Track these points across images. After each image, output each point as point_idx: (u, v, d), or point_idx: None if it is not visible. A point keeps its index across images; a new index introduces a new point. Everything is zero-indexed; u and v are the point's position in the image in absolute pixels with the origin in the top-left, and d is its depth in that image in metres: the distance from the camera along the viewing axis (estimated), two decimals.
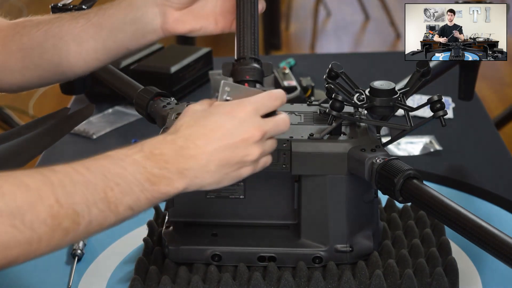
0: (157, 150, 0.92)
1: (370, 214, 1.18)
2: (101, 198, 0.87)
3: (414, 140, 1.61)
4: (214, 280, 1.15)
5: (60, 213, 0.84)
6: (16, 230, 0.82)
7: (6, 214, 0.81)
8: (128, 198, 0.89)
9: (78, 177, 0.87)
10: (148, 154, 0.91)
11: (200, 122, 0.95)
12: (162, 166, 0.91)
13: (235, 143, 0.95)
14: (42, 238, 0.84)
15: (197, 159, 0.93)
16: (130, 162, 0.90)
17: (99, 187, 0.87)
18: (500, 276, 1.19)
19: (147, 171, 0.90)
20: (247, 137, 0.95)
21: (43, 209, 0.83)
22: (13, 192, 0.82)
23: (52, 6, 1.58)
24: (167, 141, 0.93)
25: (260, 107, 0.97)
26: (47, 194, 0.84)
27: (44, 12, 1.26)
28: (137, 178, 0.90)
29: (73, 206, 0.85)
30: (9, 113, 2.88)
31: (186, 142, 0.93)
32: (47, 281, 1.21)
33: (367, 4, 4.87)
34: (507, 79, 4.03)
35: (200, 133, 0.94)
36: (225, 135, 0.94)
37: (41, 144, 1.24)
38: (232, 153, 0.95)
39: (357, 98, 1.15)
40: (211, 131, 0.94)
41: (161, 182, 0.91)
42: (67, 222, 0.85)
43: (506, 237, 0.96)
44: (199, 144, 0.93)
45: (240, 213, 1.20)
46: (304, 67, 1.94)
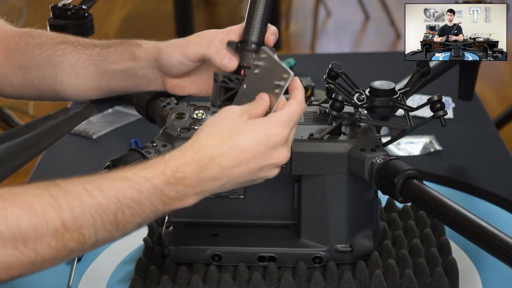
0: (180, 173, 0.90)
1: (370, 214, 1.18)
2: (110, 221, 0.86)
3: (414, 140, 1.61)
4: (214, 280, 1.15)
5: (66, 236, 0.84)
6: (19, 252, 0.82)
7: (9, 238, 0.81)
8: (138, 219, 0.89)
9: (89, 200, 0.85)
10: (169, 178, 0.90)
11: (232, 140, 0.91)
12: (181, 190, 0.90)
13: (261, 167, 0.93)
14: (45, 259, 0.83)
15: (217, 180, 0.92)
16: (147, 187, 0.88)
17: (110, 211, 0.86)
18: (500, 276, 1.19)
19: (163, 194, 0.89)
20: (275, 162, 0.94)
21: (48, 233, 0.83)
22: (17, 215, 0.82)
23: (52, 6, 1.59)
24: (194, 162, 0.90)
25: (291, 128, 0.95)
26: (53, 218, 0.83)
27: (44, 12, 1.26)
28: (152, 201, 0.89)
29: (80, 229, 0.84)
30: (9, 113, 2.88)
31: (211, 164, 0.91)
32: (47, 281, 1.21)
33: (367, 4, 4.87)
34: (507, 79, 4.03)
35: (230, 155, 0.91)
36: (254, 158, 0.92)
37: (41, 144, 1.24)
38: (254, 176, 0.94)
39: (357, 98, 1.15)
40: (241, 153, 0.91)
41: (174, 203, 0.91)
42: (72, 244, 0.84)
43: (506, 237, 0.96)
44: (225, 166, 0.91)
45: (240, 213, 1.20)
46: (304, 67, 1.94)
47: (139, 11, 5.17)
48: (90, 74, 1.15)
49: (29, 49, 1.18)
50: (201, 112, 1.19)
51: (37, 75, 1.18)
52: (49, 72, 1.17)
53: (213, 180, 0.91)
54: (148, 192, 0.88)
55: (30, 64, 1.18)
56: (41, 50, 1.18)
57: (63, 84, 1.17)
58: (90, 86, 1.16)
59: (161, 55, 1.08)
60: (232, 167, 0.91)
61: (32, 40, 1.20)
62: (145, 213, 0.89)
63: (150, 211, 0.89)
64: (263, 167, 0.94)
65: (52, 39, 1.20)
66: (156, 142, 1.12)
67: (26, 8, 4.85)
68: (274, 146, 0.93)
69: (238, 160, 0.91)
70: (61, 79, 1.17)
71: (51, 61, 1.17)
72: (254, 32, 1.04)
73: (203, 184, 0.91)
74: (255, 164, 0.93)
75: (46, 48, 1.18)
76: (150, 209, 0.89)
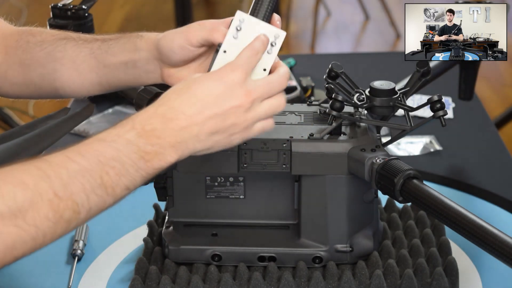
0: (149, 125, 0.92)
1: (370, 214, 1.18)
2: (98, 184, 0.88)
3: (414, 140, 1.61)
4: (214, 280, 1.15)
5: (60, 206, 0.85)
6: (20, 229, 0.83)
7: (8, 216, 0.82)
8: (124, 179, 0.90)
9: (73, 166, 0.87)
10: (140, 131, 0.91)
11: (190, 90, 0.94)
12: (155, 142, 0.91)
13: (225, 111, 0.94)
14: (46, 233, 0.85)
15: (188, 130, 0.93)
16: (123, 143, 0.90)
17: (95, 173, 0.88)
18: (500, 276, 1.19)
19: (140, 149, 0.91)
20: (236, 104, 0.94)
21: (43, 205, 0.84)
22: (13, 192, 0.83)
23: (52, 6, 1.59)
24: (158, 115, 0.93)
25: (248, 67, 0.96)
26: (46, 189, 0.84)
27: (44, 12, 1.26)
28: (131, 158, 0.90)
29: (72, 197, 0.86)
30: (9, 113, 2.88)
31: (176, 114, 0.93)
32: (47, 281, 1.21)
33: (367, 4, 4.87)
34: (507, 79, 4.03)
35: (190, 103, 0.93)
36: (214, 103, 0.93)
37: (41, 144, 1.24)
38: (223, 122, 0.94)
39: (357, 98, 1.15)
40: (200, 99, 0.93)
41: (154, 159, 0.92)
42: (68, 213, 0.86)
43: (506, 237, 0.96)
44: (189, 114, 0.93)
45: (240, 213, 1.20)
46: (304, 67, 1.94)
47: (139, 11, 5.17)
48: (90, 68, 1.15)
49: (29, 46, 1.18)
50: None
51: (37, 72, 1.17)
52: (49, 68, 1.17)
53: (183, 129, 0.92)
54: (125, 149, 0.90)
55: (31, 62, 1.18)
56: (41, 47, 1.18)
57: (63, 80, 1.16)
58: (91, 81, 1.16)
59: (162, 41, 1.09)
60: (197, 113, 0.93)
61: (32, 38, 1.19)
62: (129, 172, 0.90)
63: (133, 169, 0.90)
64: (228, 112, 0.94)
65: (53, 36, 1.20)
66: None
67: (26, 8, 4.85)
68: (229, 87, 0.94)
69: (200, 106, 0.93)
70: (61, 75, 1.16)
71: (51, 57, 1.17)
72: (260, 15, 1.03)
73: (175, 135, 0.92)
74: (217, 108, 0.93)
75: (47, 45, 1.18)
76: (133, 167, 0.90)
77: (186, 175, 1.17)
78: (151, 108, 0.94)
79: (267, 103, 0.96)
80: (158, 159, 0.92)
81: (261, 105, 0.96)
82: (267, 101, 0.96)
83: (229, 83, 0.94)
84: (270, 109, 0.97)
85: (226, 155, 1.13)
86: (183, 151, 0.93)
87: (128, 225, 1.33)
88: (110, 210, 1.37)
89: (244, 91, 0.94)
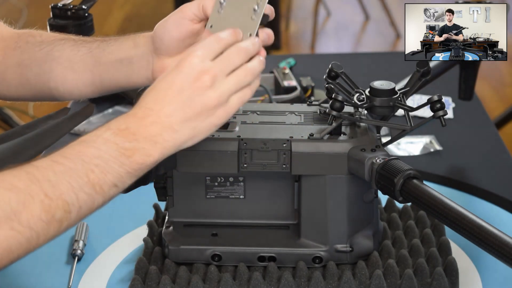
0: (122, 125, 0.94)
1: (370, 214, 1.18)
2: (85, 182, 0.90)
3: (414, 140, 1.61)
4: (214, 280, 1.15)
5: (52, 206, 0.87)
6: (15, 232, 0.84)
7: (4, 219, 0.84)
8: (110, 176, 0.92)
9: (59, 167, 0.89)
10: (116, 131, 0.93)
11: (155, 87, 0.96)
12: (131, 139, 0.93)
13: (188, 96, 0.95)
14: (40, 234, 0.86)
15: (158, 123, 0.94)
16: (102, 142, 0.92)
17: (81, 173, 0.90)
18: (500, 276, 1.19)
19: (119, 146, 0.92)
20: (197, 86, 0.95)
21: (35, 206, 0.86)
22: (6, 196, 0.84)
23: (52, 6, 1.59)
24: (129, 116, 0.95)
25: (207, 52, 0.96)
26: (36, 191, 0.86)
27: (44, 12, 1.27)
28: (112, 155, 0.92)
29: (61, 196, 0.88)
30: (9, 113, 2.88)
31: (145, 111, 0.95)
32: (47, 281, 1.21)
33: (367, 4, 4.87)
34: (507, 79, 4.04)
35: (155, 98, 0.95)
36: (177, 92, 0.95)
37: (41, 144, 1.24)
38: (190, 107, 0.95)
39: (357, 98, 1.15)
40: (163, 93, 0.95)
41: (135, 153, 0.93)
42: (60, 213, 0.87)
43: (506, 237, 0.96)
44: (156, 109, 0.95)
45: (240, 213, 1.20)
46: (304, 67, 1.94)
47: (139, 11, 5.17)
48: (86, 66, 1.15)
49: (28, 47, 1.19)
50: None
51: (34, 71, 1.18)
52: (45, 67, 1.17)
53: (154, 124, 0.94)
54: (105, 147, 0.92)
55: (28, 62, 1.18)
56: (40, 47, 1.18)
57: (57, 79, 1.17)
58: (84, 81, 1.16)
59: (156, 28, 1.11)
60: (161, 107, 0.95)
61: (32, 39, 1.20)
62: (114, 168, 0.92)
63: (118, 165, 0.92)
64: (191, 96, 0.95)
65: (52, 37, 1.20)
66: None
67: (26, 8, 4.85)
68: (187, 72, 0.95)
69: (163, 99, 0.95)
70: (56, 74, 1.17)
71: (49, 56, 1.17)
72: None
73: (148, 130, 0.94)
74: (180, 96, 0.95)
75: (46, 45, 1.18)
76: (116, 163, 0.92)
77: (186, 175, 1.17)
78: (125, 113, 0.97)
79: (233, 75, 0.97)
80: (139, 154, 0.93)
81: (227, 79, 0.96)
82: (233, 74, 0.97)
83: (186, 69, 0.95)
84: (239, 80, 0.97)
85: (226, 155, 1.13)
86: (163, 144, 0.95)
87: (128, 225, 1.33)
88: (110, 210, 1.38)
89: (200, 70, 0.95)
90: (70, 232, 1.30)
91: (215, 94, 0.95)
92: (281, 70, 1.79)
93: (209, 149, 1.13)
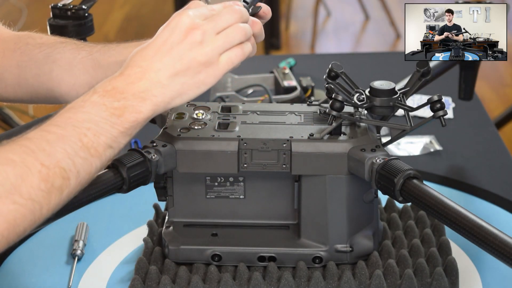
0: (108, 86, 0.95)
1: (370, 214, 1.18)
2: (79, 147, 0.90)
3: (414, 140, 1.61)
4: (214, 280, 1.15)
5: (49, 174, 0.87)
6: (18, 205, 0.85)
7: (5, 194, 0.84)
8: (103, 138, 0.92)
9: (51, 136, 0.90)
10: (103, 93, 0.94)
11: (145, 46, 0.97)
12: (120, 97, 0.94)
13: (178, 50, 0.95)
14: (42, 204, 0.87)
15: (146, 79, 0.95)
16: (90, 105, 0.93)
17: (74, 138, 0.90)
18: (500, 276, 1.19)
19: (108, 107, 0.93)
20: (187, 40, 0.96)
21: (34, 177, 0.86)
22: (4, 170, 0.85)
23: (52, 6, 1.58)
24: (115, 76, 0.96)
25: (199, 14, 0.97)
26: (32, 162, 0.87)
27: (44, 12, 1.27)
28: (102, 116, 0.92)
29: (58, 164, 0.88)
30: (9, 113, 2.88)
31: (132, 69, 0.95)
32: (47, 281, 1.21)
33: (367, 4, 4.87)
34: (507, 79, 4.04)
35: (143, 56, 0.96)
36: (166, 47, 0.95)
37: None
38: (179, 61, 0.95)
39: (357, 98, 1.15)
40: (153, 49, 0.96)
41: (125, 112, 0.94)
42: (59, 180, 0.88)
43: (506, 237, 0.96)
44: (144, 65, 0.95)
45: (240, 213, 1.20)
46: (304, 67, 1.94)
47: (139, 11, 5.17)
48: (85, 69, 1.16)
49: (28, 48, 1.19)
50: (201, 112, 1.19)
51: (33, 72, 1.18)
52: (45, 69, 1.17)
53: (141, 79, 0.95)
54: (94, 110, 0.93)
55: (28, 63, 1.18)
56: (40, 49, 1.18)
57: (56, 80, 1.17)
58: (82, 83, 1.16)
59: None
60: (150, 63, 0.95)
61: (32, 40, 1.20)
62: (105, 129, 0.92)
63: (109, 126, 0.93)
64: (180, 50, 0.95)
65: (53, 39, 1.20)
66: (156, 142, 1.12)
67: (26, 8, 4.85)
68: (176, 28, 0.96)
69: (153, 57, 0.95)
70: (55, 75, 1.17)
71: (49, 58, 1.17)
72: None
73: (135, 87, 0.94)
74: (170, 50, 0.95)
75: (46, 47, 1.18)
76: (108, 124, 0.93)
77: (186, 175, 1.17)
78: (111, 76, 0.97)
79: (222, 33, 0.98)
80: (129, 111, 0.94)
81: (217, 37, 0.97)
82: (224, 31, 0.98)
83: (177, 25, 0.96)
84: (228, 37, 0.98)
85: (226, 155, 1.13)
86: (152, 99, 0.95)
87: (128, 225, 1.33)
88: (110, 210, 1.38)
89: (191, 26, 0.96)
90: (70, 232, 1.30)
91: (205, 50, 0.96)
92: (281, 70, 1.79)
93: (209, 149, 1.13)
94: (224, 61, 0.98)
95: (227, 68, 0.98)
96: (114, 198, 1.36)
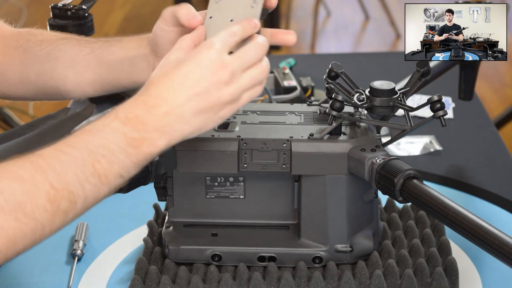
0: (131, 114, 0.93)
1: (370, 214, 1.18)
2: (91, 173, 0.89)
3: (414, 140, 1.61)
4: (214, 280, 1.15)
5: (57, 196, 0.86)
6: (20, 223, 0.83)
7: (9, 210, 0.83)
8: (116, 167, 0.91)
9: (64, 157, 0.88)
10: (124, 120, 0.92)
11: (169, 75, 0.95)
12: (140, 129, 0.92)
13: (205, 89, 0.94)
14: (44, 225, 0.85)
15: (170, 114, 0.93)
16: (109, 132, 0.92)
17: (87, 162, 0.89)
18: (500, 276, 1.19)
19: (127, 136, 0.92)
20: (215, 80, 0.95)
21: (40, 196, 0.85)
22: (11, 186, 0.84)
23: (52, 6, 1.58)
24: (139, 103, 0.94)
25: (224, 46, 0.96)
26: (41, 181, 0.85)
27: (44, 12, 1.27)
28: (119, 145, 0.91)
29: (67, 187, 0.87)
30: (9, 113, 2.88)
31: (156, 100, 0.94)
32: (47, 281, 1.21)
33: (367, 4, 4.87)
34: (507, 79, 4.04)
35: (169, 88, 0.94)
36: (193, 83, 0.94)
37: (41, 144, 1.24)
38: (205, 100, 0.94)
39: (357, 98, 1.15)
40: (179, 83, 0.94)
41: (143, 144, 0.92)
42: (65, 204, 0.87)
43: (506, 237, 0.96)
44: (169, 99, 0.94)
45: (240, 213, 1.20)
46: (304, 67, 1.94)
47: (139, 11, 5.17)
48: (88, 66, 1.16)
49: (29, 45, 1.19)
50: None
51: (35, 70, 1.18)
52: (47, 66, 1.17)
53: (166, 114, 0.93)
54: (112, 137, 0.91)
55: (30, 61, 1.18)
56: (41, 46, 1.18)
57: (59, 78, 1.17)
58: (86, 80, 1.16)
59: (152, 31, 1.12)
60: (175, 98, 0.94)
61: (33, 37, 1.20)
62: (119, 159, 0.91)
63: (124, 156, 0.91)
64: (208, 89, 0.94)
65: (54, 36, 1.20)
66: None
67: (26, 8, 4.85)
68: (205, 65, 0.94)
69: (177, 90, 0.94)
70: (57, 73, 1.17)
71: (51, 56, 1.17)
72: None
73: (158, 120, 0.93)
74: (196, 88, 0.94)
75: (47, 44, 1.18)
76: (122, 154, 0.91)
77: (186, 175, 1.17)
78: (133, 98, 0.95)
79: (248, 73, 0.97)
80: (147, 144, 0.92)
81: (242, 76, 0.96)
82: (248, 71, 0.97)
83: (205, 62, 0.95)
84: (253, 78, 0.97)
85: (226, 155, 1.13)
86: (171, 134, 0.94)
87: (128, 225, 1.34)
88: (110, 210, 1.38)
89: (220, 65, 0.95)
90: (70, 232, 1.30)
91: (230, 90, 0.95)
92: (281, 70, 1.79)
93: (209, 149, 1.13)
94: (245, 98, 0.98)
95: (246, 103, 0.98)
96: (114, 198, 1.35)
